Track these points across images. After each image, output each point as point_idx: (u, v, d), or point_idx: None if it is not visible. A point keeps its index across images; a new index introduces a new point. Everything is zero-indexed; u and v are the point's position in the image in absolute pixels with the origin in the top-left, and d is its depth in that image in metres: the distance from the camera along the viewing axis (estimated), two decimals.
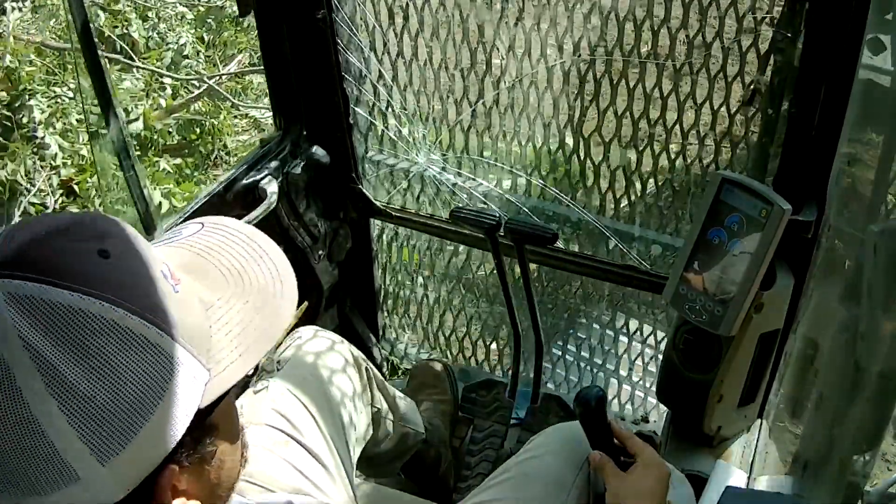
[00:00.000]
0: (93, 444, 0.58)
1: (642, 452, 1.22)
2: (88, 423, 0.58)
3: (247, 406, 1.37)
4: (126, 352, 0.59)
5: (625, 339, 1.95)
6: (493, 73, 1.66)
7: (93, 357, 0.58)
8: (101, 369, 0.58)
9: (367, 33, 1.71)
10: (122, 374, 0.58)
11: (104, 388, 0.58)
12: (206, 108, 3.72)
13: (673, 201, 1.65)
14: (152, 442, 0.61)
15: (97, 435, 0.58)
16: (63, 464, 0.58)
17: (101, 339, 0.58)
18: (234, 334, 0.66)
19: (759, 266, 1.29)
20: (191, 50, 3.90)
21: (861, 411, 0.82)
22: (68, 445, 0.58)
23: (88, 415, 0.58)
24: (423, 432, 1.72)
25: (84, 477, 0.59)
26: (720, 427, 1.49)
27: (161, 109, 3.61)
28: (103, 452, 0.59)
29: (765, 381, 1.48)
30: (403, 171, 1.86)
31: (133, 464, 0.60)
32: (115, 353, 0.58)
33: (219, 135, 3.68)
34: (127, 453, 0.59)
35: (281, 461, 1.29)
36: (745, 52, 1.41)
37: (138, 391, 0.59)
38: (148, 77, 3.73)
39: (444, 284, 2.06)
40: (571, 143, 1.67)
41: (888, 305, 0.77)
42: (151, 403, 0.60)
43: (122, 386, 0.58)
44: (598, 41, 1.51)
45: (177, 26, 4.02)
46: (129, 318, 0.59)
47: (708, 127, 1.53)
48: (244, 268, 0.70)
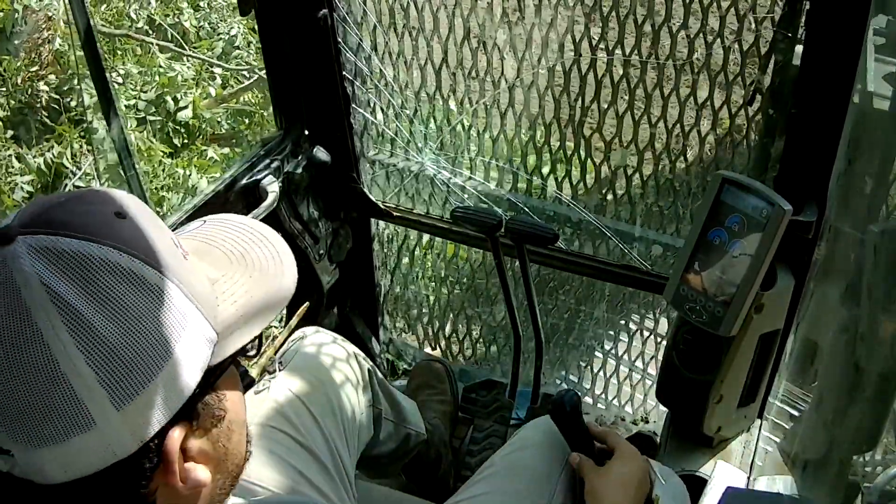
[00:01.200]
0: (110, 386, 0.59)
1: (618, 446, 1.25)
2: (106, 364, 0.58)
3: (248, 406, 1.37)
4: (143, 299, 0.60)
5: (625, 340, 1.95)
6: (493, 73, 1.66)
7: (111, 301, 0.59)
8: (119, 313, 0.59)
9: (367, 33, 1.71)
10: (139, 319, 0.60)
11: (122, 331, 0.59)
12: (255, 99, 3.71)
13: (673, 201, 1.65)
14: (166, 390, 0.61)
15: (114, 378, 0.59)
16: (80, 407, 0.58)
17: (119, 285, 0.59)
18: (240, 304, 0.68)
19: (759, 266, 1.29)
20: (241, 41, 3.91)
21: (861, 411, 0.82)
22: (86, 387, 0.58)
23: (106, 356, 0.58)
24: (424, 433, 1.72)
25: (100, 423, 0.59)
26: (720, 427, 1.49)
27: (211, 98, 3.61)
28: (119, 397, 0.59)
29: (765, 381, 1.48)
30: (404, 170, 1.86)
31: (148, 412, 0.61)
32: (133, 299, 0.60)
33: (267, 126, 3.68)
34: (142, 399, 0.60)
35: (281, 461, 1.29)
36: (746, 52, 1.41)
37: (154, 337, 0.60)
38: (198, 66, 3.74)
39: (444, 284, 2.07)
40: (572, 143, 1.67)
41: (888, 306, 0.77)
42: (166, 351, 0.61)
43: (138, 330, 0.59)
44: (599, 41, 1.51)
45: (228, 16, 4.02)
46: (146, 269, 0.61)
47: (709, 127, 1.53)
48: (246, 250, 0.72)
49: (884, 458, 0.84)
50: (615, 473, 1.22)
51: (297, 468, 1.29)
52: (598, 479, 1.22)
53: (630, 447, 1.25)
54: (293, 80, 1.70)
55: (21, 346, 0.57)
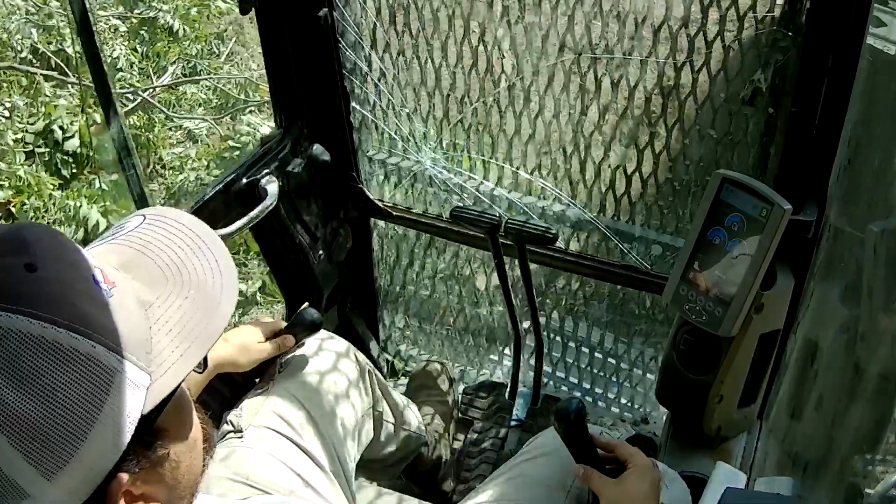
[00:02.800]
0: (37, 462, 0.57)
1: (632, 458, 1.21)
2: (29, 442, 0.57)
3: (247, 408, 1.37)
4: (59, 368, 0.58)
5: (625, 340, 1.95)
6: (493, 72, 1.65)
7: (26, 376, 0.57)
8: (36, 388, 0.57)
9: (368, 31, 1.71)
10: (58, 390, 0.58)
11: (41, 406, 0.57)
12: (140, 121, 3.67)
13: (673, 201, 1.65)
14: (97, 453, 0.60)
15: (39, 453, 0.57)
16: (10, 483, 0.57)
17: (33, 357, 0.57)
18: (175, 333, 0.65)
19: (759, 266, 1.28)
20: (124, 62, 3.87)
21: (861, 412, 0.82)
22: (13, 466, 0.57)
23: (27, 434, 0.57)
24: (424, 435, 1.72)
25: (33, 494, 0.58)
26: (720, 428, 1.49)
27: (97, 125, 3.55)
28: (48, 469, 0.58)
29: (765, 381, 1.47)
30: (404, 170, 1.86)
31: (80, 477, 0.60)
32: (49, 371, 0.57)
33: (153, 148, 3.66)
34: (72, 468, 0.59)
35: (280, 464, 1.29)
36: (746, 51, 1.40)
37: (76, 405, 0.58)
38: (83, 92, 3.67)
39: (444, 284, 2.06)
40: (572, 142, 1.67)
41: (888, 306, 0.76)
42: (91, 415, 0.59)
43: (58, 402, 0.58)
44: (600, 40, 1.51)
45: (110, 39, 3.97)
46: (59, 333, 0.58)
47: (709, 126, 1.52)
48: (183, 262, 0.68)
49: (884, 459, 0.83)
50: (634, 488, 1.17)
51: (296, 471, 1.29)
52: (615, 491, 1.17)
53: (643, 459, 1.21)
54: (293, 78, 1.70)
55: None
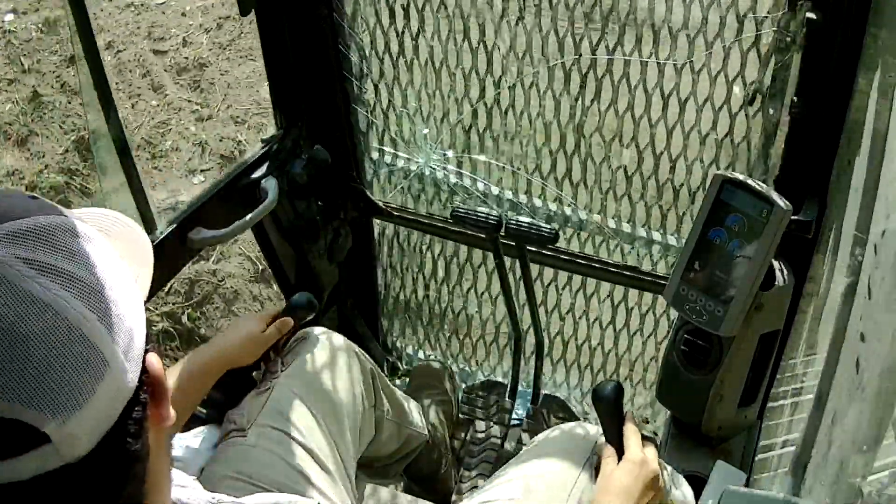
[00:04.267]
0: (107, 324, 0.60)
1: (627, 451, 1.26)
2: (99, 304, 0.60)
3: (250, 407, 1.37)
4: (94, 246, 0.63)
5: (625, 340, 1.95)
6: (493, 73, 1.66)
7: (77, 254, 0.61)
8: (88, 262, 0.61)
9: (368, 32, 1.71)
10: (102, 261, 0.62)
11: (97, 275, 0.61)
12: None
13: (673, 201, 1.65)
14: (138, 316, 0.64)
15: (108, 315, 0.60)
16: (96, 351, 0.58)
17: (73, 240, 0.61)
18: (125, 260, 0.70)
19: (759, 266, 1.29)
20: None
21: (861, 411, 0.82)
22: (94, 330, 0.59)
23: (97, 298, 0.60)
24: (425, 434, 1.72)
25: (111, 363, 0.59)
26: (720, 427, 1.49)
27: None
28: (114, 331, 0.60)
29: (765, 381, 1.48)
30: (404, 170, 1.86)
31: (132, 340, 0.62)
32: (88, 249, 0.62)
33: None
34: (126, 327, 0.61)
35: (283, 462, 1.29)
36: (747, 52, 1.40)
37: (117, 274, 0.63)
38: None
39: (444, 285, 2.06)
40: (572, 142, 1.67)
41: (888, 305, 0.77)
42: (127, 284, 0.64)
43: (106, 270, 0.62)
44: (600, 41, 1.51)
45: None
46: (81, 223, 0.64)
47: (709, 127, 1.53)
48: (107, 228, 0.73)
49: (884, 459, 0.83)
50: (617, 480, 1.22)
51: (299, 469, 1.29)
52: (603, 479, 1.24)
53: (636, 454, 1.25)
54: (293, 79, 1.70)
55: (28, 319, 0.56)
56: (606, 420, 1.30)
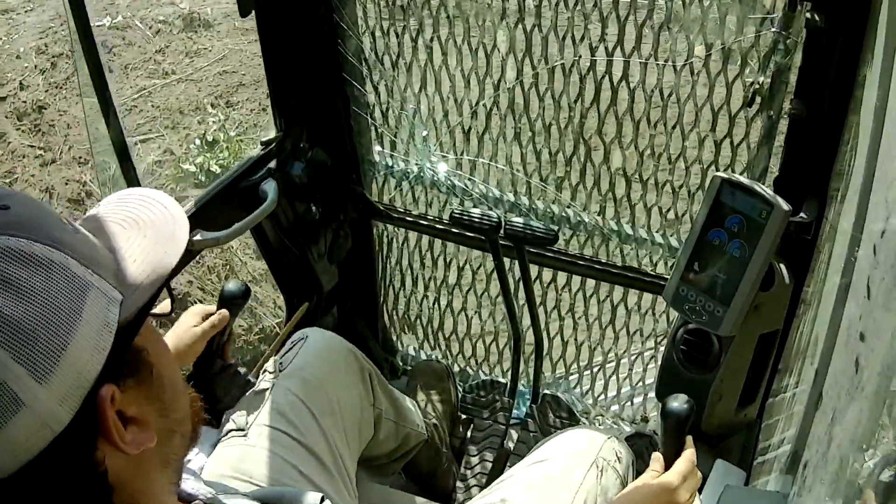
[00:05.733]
0: (27, 363, 0.60)
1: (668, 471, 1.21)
2: (17, 343, 0.60)
3: (249, 406, 1.37)
4: (37, 275, 0.62)
5: (625, 340, 1.96)
6: (493, 74, 1.66)
7: (9, 284, 0.60)
8: (18, 292, 0.61)
9: (368, 33, 1.71)
10: (40, 295, 0.61)
11: (24, 308, 0.60)
12: None
13: (673, 202, 1.66)
14: (83, 356, 0.63)
15: (29, 354, 0.60)
16: (5, 389, 0.59)
17: (11, 266, 0.61)
18: (139, 262, 0.70)
19: (759, 266, 1.29)
20: None
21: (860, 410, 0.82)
22: (5, 368, 0.59)
23: (15, 335, 0.60)
24: (424, 433, 1.72)
25: (28, 402, 0.60)
26: (720, 427, 1.50)
27: None
28: (39, 371, 0.60)
29: (764, 381, 1.48)
30: (404, 172, 1.86)
31: (70, 381, 0.62)
32: (27, 277, 0.61)
33: None
34: (61, 370, 0.62)
35: (283, 462, 1.29)
36: (746, 54, 1.41)
37: (58, 307, 0.62)
38: None
39: (444, 285, 2.07)
40: (572, 144, 1.68)
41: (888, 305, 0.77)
42: (73, 318, 0.63)
43: (40, 304, 0.61)
44: (600, 41, 1.51)
45: None
46: (35, 245, 0.63)
47: (709, 127, 1.53)
48: (137, 215, 0.74)
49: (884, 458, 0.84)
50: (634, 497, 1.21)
51: (298, 468, 1.30)
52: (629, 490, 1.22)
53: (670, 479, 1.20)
54: (293, 81, 1.70)
55: None
56: (669, 435, 1.24)
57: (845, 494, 0.85)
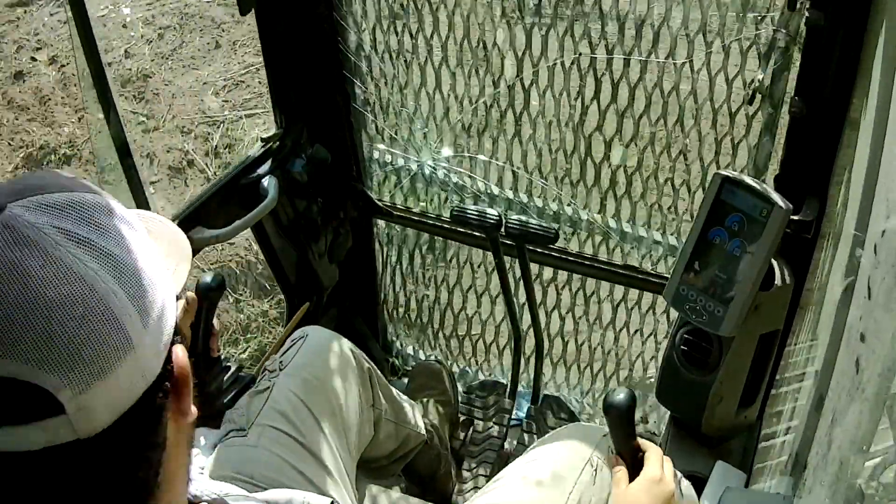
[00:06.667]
0: (137, 304, 0.60)
1: (646, 466, 1.21)
2: (131, 283, 0.60)
3: (248, 407, 1.37)
4: (130, 228, 0.63)
5: (625, 340, 1.95)
6: (493, 72, 1.65)
7: (112, 233, 0.61)
8: (123, 241, 0.61)
9: (368, 31, 1.71)
10: (136, 244, 0.62)
11: (132, 255, 0.61)
12: None
13: (673, 201, 1.65)
14: (169, 305, 0.64)
15: (139, 295, 0.60)
16: (121, 328, 0.58)
17: (110, 220, 0.62)
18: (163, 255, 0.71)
19: (759, 266, 1.29)
20: None
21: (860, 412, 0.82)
22: (122, 307, 0.59)
23: (130, 277, 0.60)
24: (423, 434, 1.72)
25: (136, 343, 0.59)
26: (720, 428, 1.49)
27: None
28: (144, 314, 0.60)
29: (765, 381, 1.47)
30: (405, 170, 1.86)
31: (161, 327, 0.62)
32: (123, 228, 0.63)
33: None
34: (156, 314, 0.61)
35: (283, 462, 1.29)
36: (746, 52, 1.40)
37: (151, 259, 0.63)
38: None
39: (444, 284, 2.06)
40: (572, 142, 1.67)
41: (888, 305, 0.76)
42: (159, 271, 0.64)
43: (140, 253, 0.62)
44: (599, 40, 1.51)
45: None
46: (118, 205, 0.65)
47: (709, 126, 1.53)
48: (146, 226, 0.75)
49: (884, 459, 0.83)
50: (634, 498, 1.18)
51: (298, 468, 1.29)
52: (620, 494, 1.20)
53: (657, 470, 1.20)
54: (293, 78, 1.70)
55: (57, 285, 0.56)
56: (617, 430, 1.23)
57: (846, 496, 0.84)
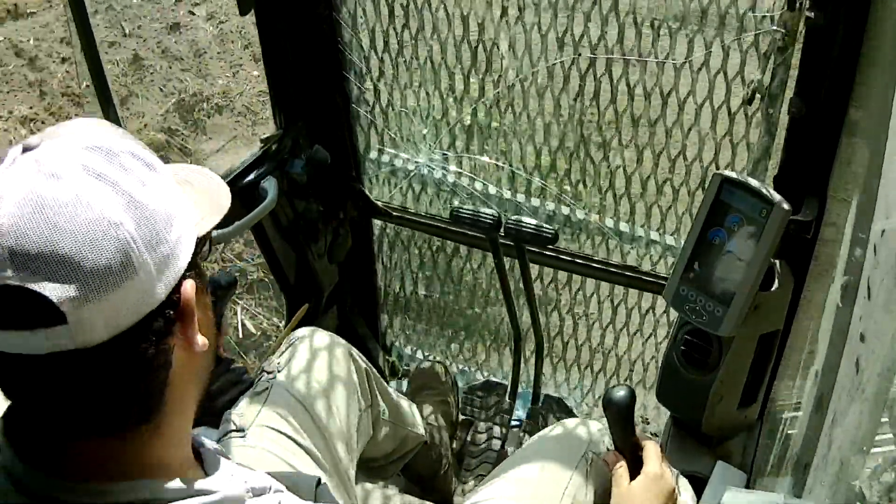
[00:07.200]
0: (146, 239, 0.66)
1: (646, 464, 1.21)
2: (143, 219, 0.66)
3: (247, 408, 1.37)
4: (152, 173, 0.69)
5: (625, 340, 1.95)
6: (493, 72, 1.65)
7: (131, 172, 0.67)
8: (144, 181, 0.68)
9: (367, 31, 1.70)
10: (154, 185, 0.69)
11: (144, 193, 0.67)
12: None
13: (673, 201, 1.65)
14: (181, 243, 0.69)
15: (149, 231, 0.66)
16: (128, 256, 0.64)
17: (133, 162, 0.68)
18: (195, 204, 0.76)
19: (758, 266, 1.28)
20: None
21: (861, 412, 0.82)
22: (132, 238, 0.65)
23: (143, 213, 0.66)
24: (423, 434, 1.72)
25: (141, 272, 0.65)
26: (720, 427, 1.49)
27: None
28: (152, 247, 0.66)
29: (765, 381, 1.47)
30: (404, 170, 1.86)
31: (170, 262, 0.68)
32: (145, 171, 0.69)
33: None
34: (166, 250, 0.67)
35: (282, 463, 1.29)
36: (746, 52, 1.40)
37: (166, 201, 0.69)
38: None
39: (444, 285, 2.06)
40: (572, 142, 1.67)
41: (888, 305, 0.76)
42: (174, 213, 0.69)
43: (156, 194, 0.68)
44: (599, 40, 1.51)
45: None
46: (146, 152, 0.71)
47: (708, 126, 1.52)
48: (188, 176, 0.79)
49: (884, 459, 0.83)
50: (639, 496, 1.18)
51: (297, 469, 1.29)
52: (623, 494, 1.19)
53: (655, 468, 1.20)
54: (293, 78, 1.70)
55: (70, 212, 0.62)
56: (617, 427, 1.24)
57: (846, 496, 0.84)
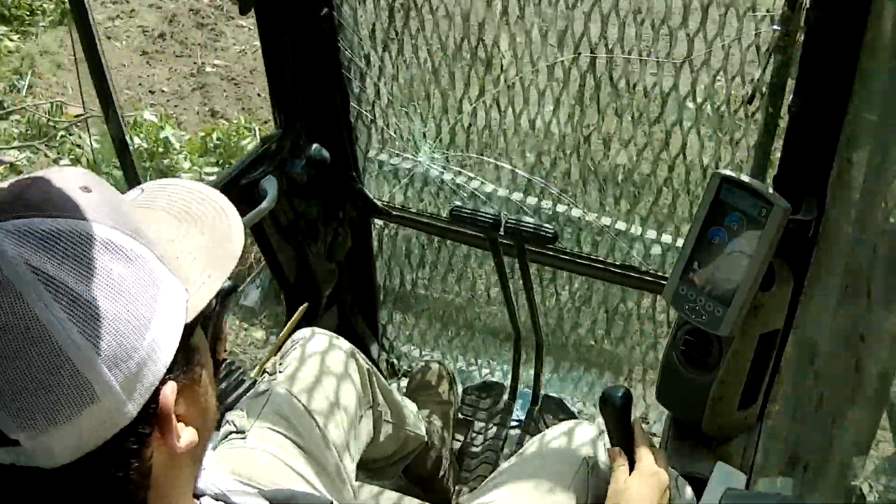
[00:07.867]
0: (106, 356, 0.59)
1: (641, 460, 1.22)
2: (100, 334, 0.59)
3: (249, 408, 1.37)
4: (121, 265, 0.61)
5: (625, 340, 1.95)
6: (493, 72, 1.65)
7: (94, 272, 0.59)
8: (103, 282, 0.60)
9: (367, 30, 1.70)
10: (121, 284, 0.60)
11: (108, 299, 0.59)
12: None
13: (673, 201, 1.65)
14: (156, 351, 0.62)
15: (109, 346, 0.59)
16: (83, 381, 0.58)
17: (98, 255, 0.60)
18: (198, 259, 0.69)
19: (758, 266, 1.28)
20: None
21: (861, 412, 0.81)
22: (86, 360, 0.58)
23: (99, 326, 0.59)
24: (423, 435, 1.72)
25: (102, 395, 0.59)
26: (720, 428, 1.49)
27: None
28: (115, 364, 0.59)
29: (765, 381, 1.47)
30: (404, 169, 1.86)
31: (142, 374, 0.61)
32: (112, 266, 0.60)
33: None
34: (135, 362, 0.61)
35: (282, 464, 1.29)
36: (746, 51, 1.40)
37: (137, 300, 0.61)
38: None
39: (444, 285, 2.06)
40: (572, 141, 1.67)
41: (889, 306, 0.76)
42: (150, 312, 0.62)
43: (123, 295, 0.60)
44: (599, 39, 1.51)
45: None
46: (117, 234, 0.62)
47: (708, 125, 1.52)
48: (189, 207, 0.73)
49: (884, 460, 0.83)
50: (636, 491, 1.19)
51: (297, 470, 1.29)
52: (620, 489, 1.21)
53: (652, 463, 1.22)
54: (292, 78, 1.69)
55: (20, 332, 0.57)
56: (614, 427, 1.26)
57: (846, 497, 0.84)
